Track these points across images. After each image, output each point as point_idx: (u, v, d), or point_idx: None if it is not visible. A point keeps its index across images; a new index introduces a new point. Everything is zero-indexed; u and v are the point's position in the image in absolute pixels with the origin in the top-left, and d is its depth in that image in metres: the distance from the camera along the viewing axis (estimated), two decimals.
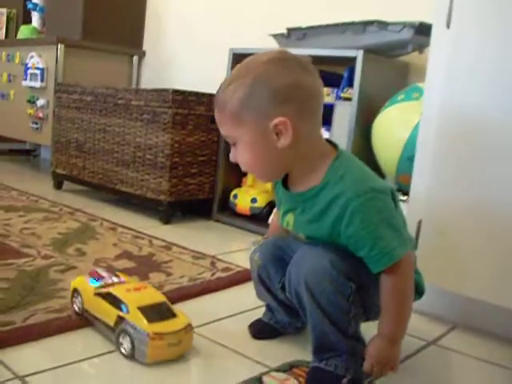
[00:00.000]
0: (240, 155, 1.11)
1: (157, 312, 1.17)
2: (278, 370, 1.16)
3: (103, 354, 1.18)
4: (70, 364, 1.12)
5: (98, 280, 1.30)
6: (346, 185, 1.05)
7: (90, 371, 1.12)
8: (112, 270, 1.39)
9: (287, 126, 1.04)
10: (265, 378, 1.11)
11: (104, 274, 1.34)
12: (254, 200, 2.40)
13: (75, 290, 1.32)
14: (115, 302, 1.20)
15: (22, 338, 1.19)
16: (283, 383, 1.10)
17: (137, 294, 1.21)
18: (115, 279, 1.32)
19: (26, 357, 1.14)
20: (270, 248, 1.28)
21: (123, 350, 1.15)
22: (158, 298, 1.23)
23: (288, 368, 1.16)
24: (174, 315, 1.19)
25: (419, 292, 1.20)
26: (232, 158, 1.14)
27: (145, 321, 1.13)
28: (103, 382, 1.08)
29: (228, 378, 1.11)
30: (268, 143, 1.06)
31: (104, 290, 1.24)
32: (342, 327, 1.09)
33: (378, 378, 1.11)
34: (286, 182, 1.19)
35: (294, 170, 1.14)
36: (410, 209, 1.52)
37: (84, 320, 1.28)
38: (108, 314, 1.20)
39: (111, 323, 1.19)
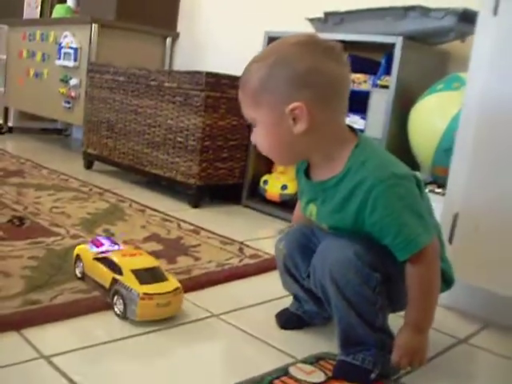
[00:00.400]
0: (258, 137, 1.10)
1: (149, 275, 1.25)
2: (304, 361, 1.14)
3: (130, 336, 1.17)
4: (95, 345, 1.11)
5: (98, 247, 1.39)
6: (368, 171, 1.03)
7: (116, 353, 1.10)
8: (112, 238, 1.46)
9: (303, 112, 1.02)
10: (291, 369, 1.09)
11: (104, 241, 1.41)
12: (284, 187, 2.36)
13: (77, 256, 1.41)
14: (111, 265, 1.28)
15: (49, 317, 1.18)
16: (309, 375, 1.08)
17: (131, 259, 1.30)
18: (114, 246, 1.40)
19: (52, 336, 1.13)
20: (296, 236, 1.26)
21: (117, 310, 1.24)
22: (152, 262, 1.31)
23: (315, 360, 1.14)
24: (165, 279, 1.27)
25: (448, 281, 1.17)
26: (252, 138, 1.13)
27: (137, 282, 1.22)
28: (129, 364, 1.07)
29: (253, 367, 1.09)
30: (284, 127, 1.04)
31: (102, 255, 1.33)
32: (368, 319, 1.07)
33: (406, 370, 1.08)
34: (308, 171, 1.16)
35: (312, 157, 1.12)
36: (446, 201, 1.48)
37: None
38: (104, 276, 1.29)
39: (107, 285, 1.27)
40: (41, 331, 1.14)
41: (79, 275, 1.39)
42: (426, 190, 1.71)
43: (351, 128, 1.12)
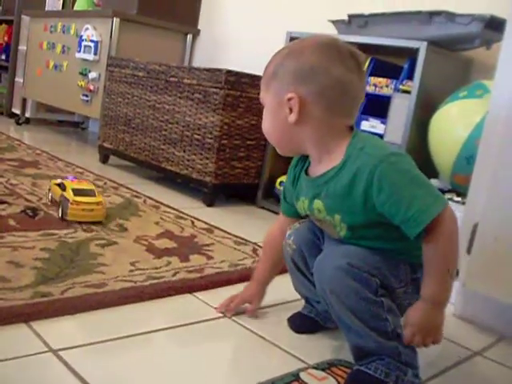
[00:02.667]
0: (263, 120, 1.16)
1: (83, 192, 1.85)
2: (316, 367, 1.11)
3: (139, 334, 1.15)
4: (105, 341, 1.10)
5: (63, 179, 1.97)
6: (368, 154, 1.04)
7: (125, 350, 1.09)
8: (76, 177, 2.07)
9: (296, 104, 1.07)
10: (302, 375, 1.07)
11: (70, 176, 2.04)
12: None
13: (50, 187, 2.01)
14: (62, 187, 1.88)
15: (59, 310, 1.17)
16: (321, 382, 1.06)
17: (76, 184, 1.90)
18: (74, 179, 1.97)
19: (61, 330, 1.12)
20: (305, 232, 1.26)
21: (60, 213, 1.82)
22: (89, 187, 1.91)
23: (327, 366, 1.12)
24: (93, 196, 1.85)
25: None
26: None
27: (71, 194, 1.80)
28: (137, 362, 1.05)
29: (263, 370, 1.07)
30: (281, 115, 1.10)
31: (60, 182, 1.93)
32: (378, 327, 1.04)
33: (419, 347, 1.04)
34: (307, 172, 1.18)
35: (308, 150, 1.14)
36: (466, 211, 1.45)
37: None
38: (56, 194, 1.91)
39: (57, 199, 1.89)
40: (50, 324, 1.12)
41: (49, 200, 1.99)
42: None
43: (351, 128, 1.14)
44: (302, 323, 1.29)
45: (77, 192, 1.82)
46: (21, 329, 1.09)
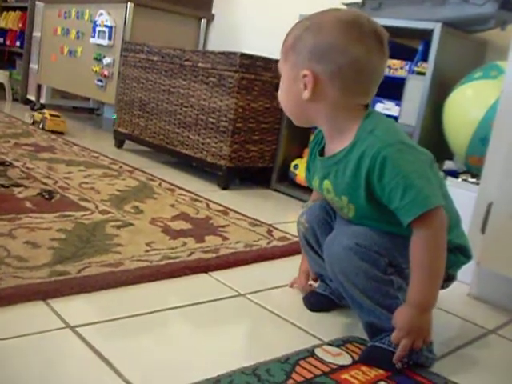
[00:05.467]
0: (280, 90, 1.15)
1: (54, 115, 3.27)
2: (331, 344, 1.12)
3: (156, 311, 1.17)
4: (121, 318, 1.11)
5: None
6: (376, 137, 1.03)
7: (140, 328, 1.10)
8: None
9: (310, 82, 1.05)
10: (317, 351, 1.08)
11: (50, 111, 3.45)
12: None
13: (34, 116, 3.43)
14: (43, 113, 3.31)
15: (76, 288, 1.18)
16: (336, 357, 1.07)
17: (52, 112, 3.32)
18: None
19: (78, 308, 1.14)
20: (317, 211, 1.27)
21: (41, 126, 3.25)
22: (59, 114, 3.30)
23: (341, 343, 1.13)
24: (60, 117, 3.27)
25: (468, 255, 1.15)
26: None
27: (48, 115, 3.26)
28: (153, 339, 1.06)
29: (279, 347, 1.08)
30: (296, 89, 1.09)
31: (42, 111, 3.39)
32: (389, 304, 1.05)
33: (407, 350, 1.02)
34: (323, 151, 1.18)
35: (321, 126, 1.14)
36: (480, 190, 1.45)
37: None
38: (39, 116, 3.33)
39: (39, 120, 3.31)
40: (67, 302, 1.14)
41: (31, 122, 3.39)
42: (459, 180, 1.68)
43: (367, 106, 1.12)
44: (317, 301, 1.30)
45: (51, 115, 3.25)
46: (39, 306, 1.11)
